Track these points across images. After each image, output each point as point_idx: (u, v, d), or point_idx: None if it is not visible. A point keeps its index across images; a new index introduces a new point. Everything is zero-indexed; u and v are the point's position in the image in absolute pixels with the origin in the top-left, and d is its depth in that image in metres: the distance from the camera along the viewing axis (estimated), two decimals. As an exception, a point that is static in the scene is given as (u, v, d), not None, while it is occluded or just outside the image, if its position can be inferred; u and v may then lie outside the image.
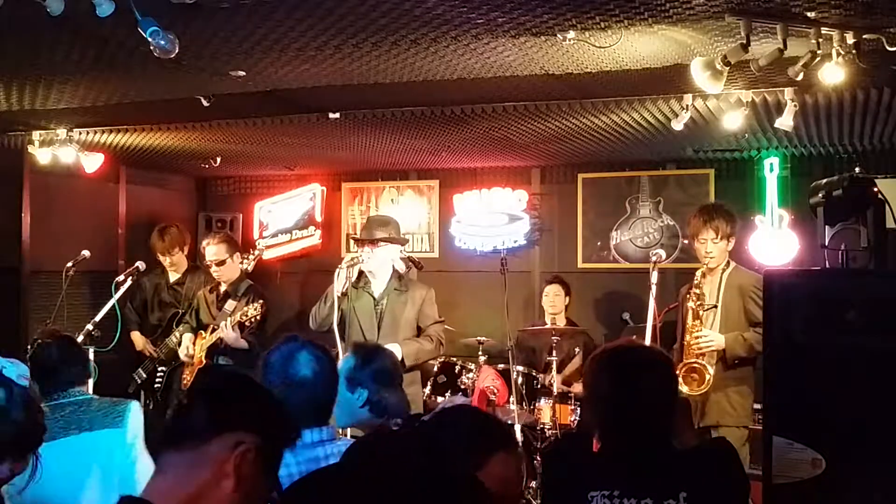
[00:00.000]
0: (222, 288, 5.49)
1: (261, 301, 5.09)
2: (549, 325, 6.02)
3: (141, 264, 5.60)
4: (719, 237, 4.57)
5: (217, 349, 5.22)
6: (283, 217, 7.80)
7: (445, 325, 4.95)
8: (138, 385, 5.97)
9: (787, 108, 4.16)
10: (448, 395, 5.48)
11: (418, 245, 7.40)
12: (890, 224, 2.82)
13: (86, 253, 5.56)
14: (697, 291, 4.59)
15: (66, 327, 4.22)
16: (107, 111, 4.92)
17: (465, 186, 7.29)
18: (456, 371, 5.57)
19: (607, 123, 5.14)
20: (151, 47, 2.91)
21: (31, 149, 5.74)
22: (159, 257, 6.23)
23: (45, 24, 3.04)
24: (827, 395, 2.52)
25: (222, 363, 5.23)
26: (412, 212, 7.44)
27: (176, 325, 5.92)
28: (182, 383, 5.51)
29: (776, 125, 4.28)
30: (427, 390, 5.39)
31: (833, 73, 3.27)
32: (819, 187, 2.99)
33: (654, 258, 4.85)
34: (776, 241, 5.91)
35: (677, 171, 6.73)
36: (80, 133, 5.64)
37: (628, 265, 6.82)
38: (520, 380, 5.61)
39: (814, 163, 6.22)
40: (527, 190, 7.13)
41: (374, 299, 4.70)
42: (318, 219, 7.65)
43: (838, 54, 3.22)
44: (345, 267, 4.62)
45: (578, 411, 5.60)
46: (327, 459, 2.49)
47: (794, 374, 2.57)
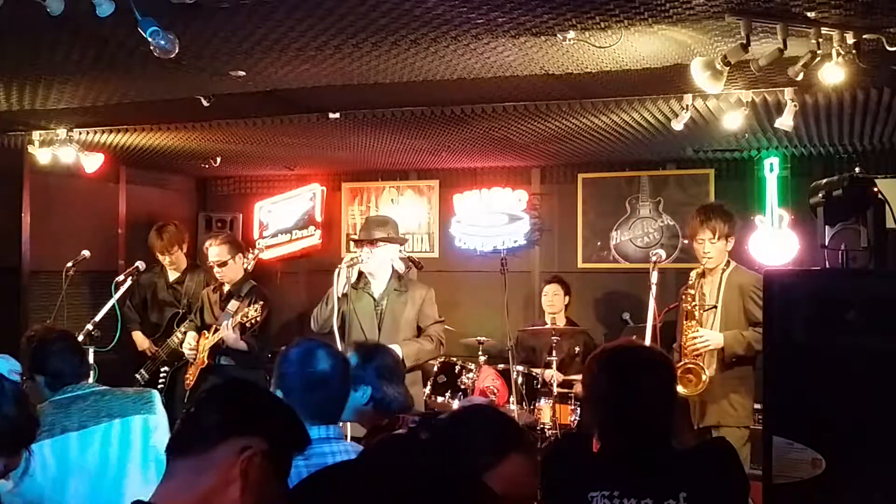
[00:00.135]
0: (226, 288, 5.49)
1: (262, 303, 5.08)
2: (548, 324, 6.02)
3: (141, 264, 5.60)
4: (717, 237, 4.57)
5: (219, 349, 5.22)
6: (283, 217, 7.80)
7: (445, 325, 4.95)
8: (142, 385, 5.96)
9: (787, 108, 4.16)
10: (448, 395, 5.49)
11: (418, 245, 7.40)
12: (890, 224, 2.82)
13: (86, 253, 5.56)
14: (692, 292, 4.59)
15: (66, 327, 4.21)
16: (107, 111, 4.92)
17: (465, 186, 7.30)
18: (456, 371, 5.57)
19: (607, 123, 5.14)
20: (151, 47, 2.91)
21: (31, 149, 5.75)
22: (158, 256, 6.23)
23: (45, 24, 3.04)
24: (827, 395, 2.52)
25: (224, 363, 5.24)
26: (412, 212, 7.44)
27: (177, 325, 5.92)
28: (185, 383, 5.51)
29: (776, 125, 4.28)
30: (427, 390, 5.39)
31: (833, 73, 3.27)
32: (819, 187, 2.98)
33: (654, 258, 4.85)
34: (776, 241, 5.91)
35: (677, 171, 6.74)
36: (80, 133, 5.64)
37: (628, 265, 6.83)
38: (520, 380, 5.61)
39: (814, 163, 6.22)
40: (527, 190, 7.13)
41: (375, 300, 4.70)
42: (318, 219, 7.66)
43: (838, 54, 3.22)
44: (344, 267, 4.61)
45: (578, 411, 5.60)
46: (334, 456, 2.50)
47: (794, 374, 2.56)
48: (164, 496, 1.61)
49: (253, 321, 5.05)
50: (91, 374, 4.23)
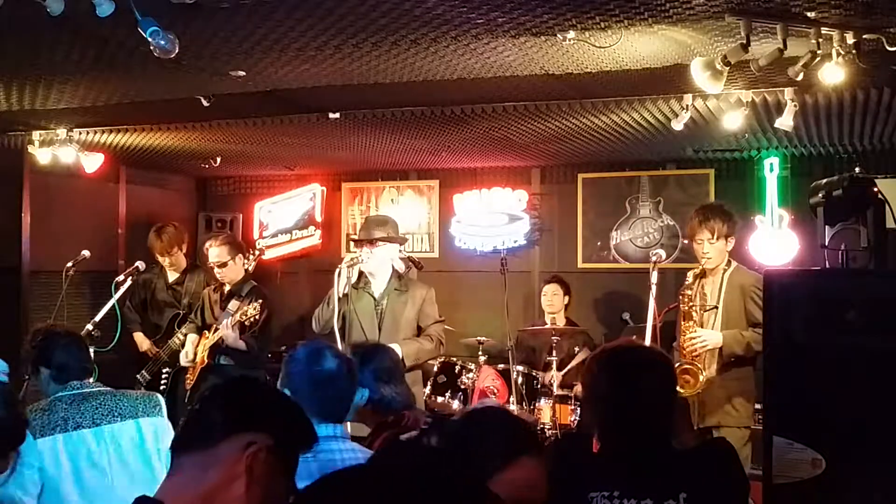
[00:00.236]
0: (226, 288, 5.48)
1: (261, 301, 5.08)
2: (548, 324, 6.02)
3: (141, 264, 5.60)
4: (716, 237, 4.56)
5: (219, 349, 5.22)
6: (283, 217, 7.80)
7: (445, 324, 4.95)
8: (143, 387, 5.96)
9: (787, 108, 4.16)
10: (448, 395, 5.49)
11: (418, 245, 7.40)
12: (890, 224, 2.83)
13: (86, 253, 5.56)
14: (690, 293, 4.58)
15: (65, 327, 4.22)
16: (107, 111, 4.92)
17: (465, 186, 7.30)
18: (456, 371, 5.57)
19: (607, 123, 5.14)
20: (151, 47, 2.91)
21: (31, 149, 5.74)
22: (158, 257, 6.22)
23: (45, 24, 3.04)
24: (827, 395, 2.52)
25: (223, 363, 5.23)
26: (412, 212, 7.44)
27: (178, 326, 5.91)
28: (185, 383, 5.51)
29: (776, 125, 4.28)
30: (427, 390, 5.39)
31: (833, 73, 3.27)
32: (819, 187, 2.99)
33: (654, 258, 4.84)
34: (776, 241, 5.91)
35: (677, 171, 6.74)
36: (80, 133, 5.64)
37: (628, 265, 6.83)
38: (520, 380, 5.61)
39: (814, 163, 6.22)
40: (527, 190, 7.13)
41: (375, 299, 4.70)
42: (318, 219, 7.66)
43: (838, 54, 3.22)
44: (344, 267, 4.61)
45: (578, 411, 5.60)
46: (342, 454, 2.54)
47: (794, 374, 2.57)
48: (170, 492, 1.61)
49: (252, 319, 5.04)
50: (92, 373, 4.24)
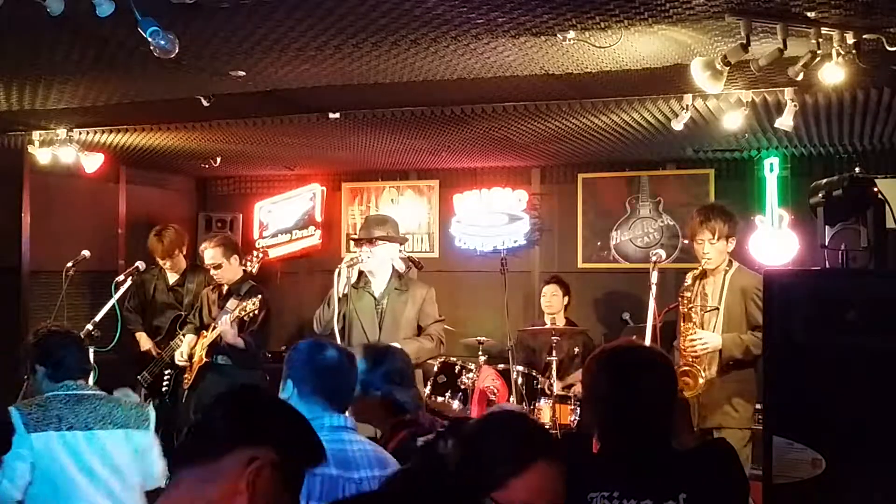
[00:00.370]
0: (225, 288, 5.48)
1: (259, 296, 5.08)
2: (548, 325, 6.02)
3: (141, 264, 5.59)
4: (716, 238, 4.55)
5: (217, 347, 5.22)
6: (283, 217, 7.80)
7: (445, 324, 4.95)
8: (145, 388, 5.96)
9: (787, 108, 4.16)
10: (448, 395, 5.48)
11: (418, 245, 7.40)
12: (890, 224, 2.83)
13: (86, 253, 5.56)
14: (689, 294, 4.58)
15: (66, 327, 4.23)
16: (107, 111, 4.92)
17: (465, 186, 7.30)
18: (456, 371, 5.57)
19: (607, 123, 5.14)
20: (151, 47, 2.92)
21: (31, 149, 5.74)
22: (158, 260, 6.20)
23: (45, 24, 3.04)
24: (827, 395, 2.52)
25: (221, 362, 5.23)
26: (412, 212, 7.44)
27: (179, 328, 5.91)
28: (184, 383, 5.50)
29: (776, 125, 4.28)
30: (427, 390, 5.38)
31: (833, 73, 3.27)
32: (819, 187, 2.99)
33: (654, 258, 4.84)
34: (776, 241, 5.90)
35: (677, 171, 6.74)
36: (80, 133, 5.64)
37: (628, 265, 6.82)
38: (520, 380, 5.61)
39: (814, 163, 6.22)
40: (527, 190, 7.13)
41: (375, 299, 4.70)
42: (318, 219, 7.66)
43: (838, 54, 3.22)
44: (344, 267, 4.61)
45: (578, 411, 5.60)
46: (352, 445, 2.57)
47: (794, 374, 2.56)
48: None
49: (251, 315, 5.04)
50: (91, 374, 4.25)
